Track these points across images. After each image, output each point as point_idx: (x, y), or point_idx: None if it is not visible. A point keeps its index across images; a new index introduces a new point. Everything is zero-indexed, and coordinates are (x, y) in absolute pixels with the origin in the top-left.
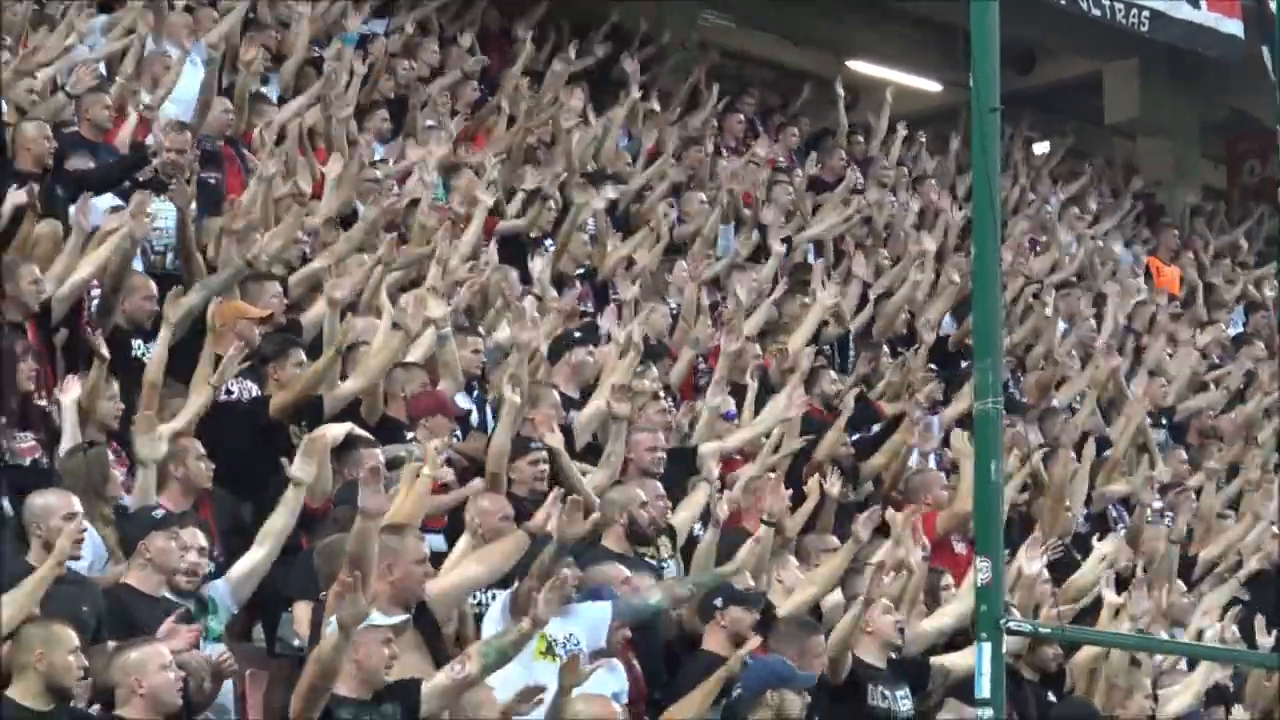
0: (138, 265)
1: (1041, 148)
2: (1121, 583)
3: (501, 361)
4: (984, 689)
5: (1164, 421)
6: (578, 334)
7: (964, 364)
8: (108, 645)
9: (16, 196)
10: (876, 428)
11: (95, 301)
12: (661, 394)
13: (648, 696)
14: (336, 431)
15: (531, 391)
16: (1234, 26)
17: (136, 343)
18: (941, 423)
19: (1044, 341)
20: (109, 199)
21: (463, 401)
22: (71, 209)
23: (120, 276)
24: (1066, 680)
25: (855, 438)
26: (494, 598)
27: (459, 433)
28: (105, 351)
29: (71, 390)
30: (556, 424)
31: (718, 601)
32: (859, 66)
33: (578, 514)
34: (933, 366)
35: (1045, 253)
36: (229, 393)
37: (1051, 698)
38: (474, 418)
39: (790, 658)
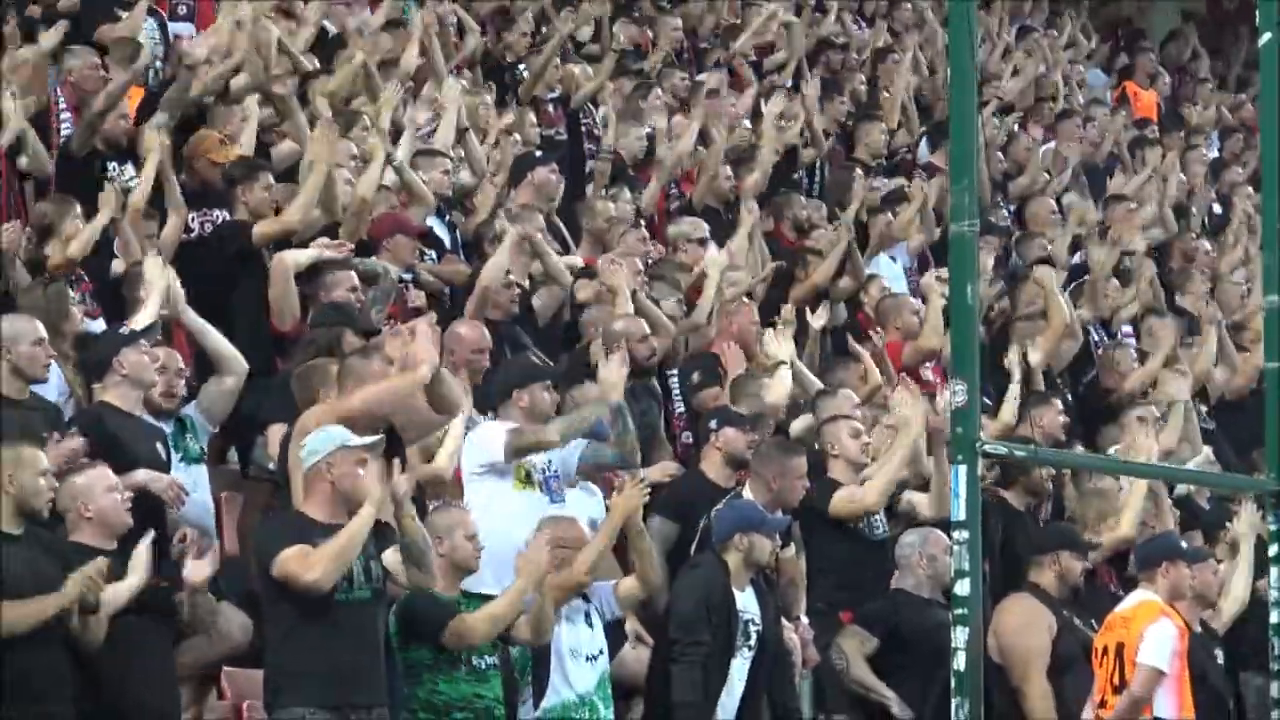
0: None
1: None
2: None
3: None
4: (960, 511)
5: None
6: (539, 153)
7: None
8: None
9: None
10: None
11: (66, 126)
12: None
13: None
14: (300, 256)
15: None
16: None
17: (112, 165)
18: (910, 251)
19: (1029, 171)
20: None
21: (440, 230)
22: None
23: (118, 99)
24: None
25: None
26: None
27: (432, 254)
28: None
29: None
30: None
31: (712, 423)
32: None
33: None
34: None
35: (1018, 76)
36: (189, 230)
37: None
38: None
39: (772, 479)
